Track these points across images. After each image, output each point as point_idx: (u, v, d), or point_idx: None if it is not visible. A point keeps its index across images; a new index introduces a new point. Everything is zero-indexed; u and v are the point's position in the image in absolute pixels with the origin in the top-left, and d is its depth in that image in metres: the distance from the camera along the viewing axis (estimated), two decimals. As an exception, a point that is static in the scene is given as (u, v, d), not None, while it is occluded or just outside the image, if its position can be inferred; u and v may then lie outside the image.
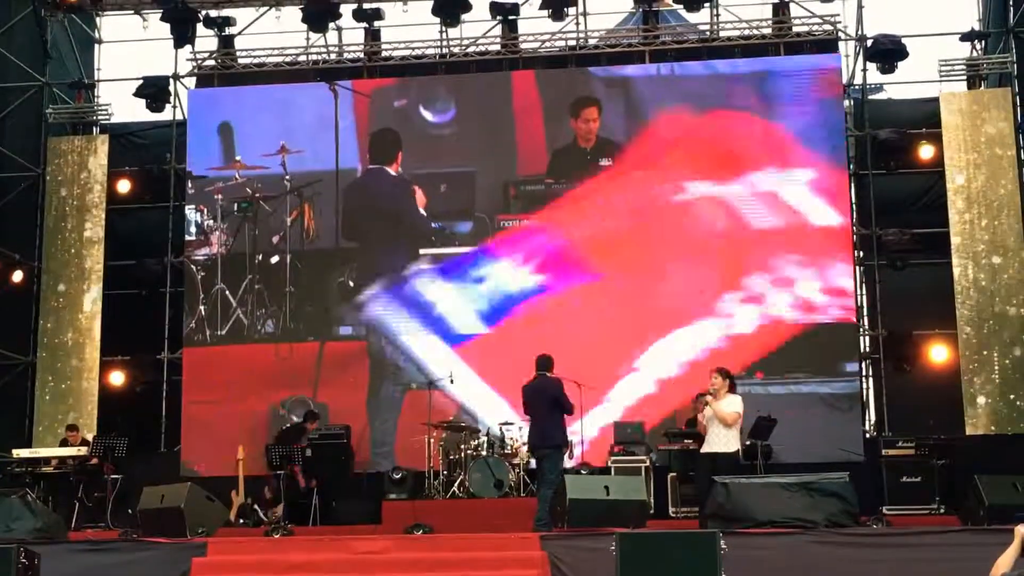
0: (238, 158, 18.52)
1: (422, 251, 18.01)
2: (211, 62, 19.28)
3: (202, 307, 18.31)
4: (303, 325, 18.20)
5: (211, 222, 18.56)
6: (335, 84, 18.68)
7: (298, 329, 18.19)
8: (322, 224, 18.39)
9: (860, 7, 18.40)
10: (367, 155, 18.46)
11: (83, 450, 15.96)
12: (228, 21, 19.34)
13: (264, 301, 18.29)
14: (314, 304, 18.24)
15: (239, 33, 19.48)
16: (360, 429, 17.40)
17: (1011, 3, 18.06)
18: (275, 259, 18.42)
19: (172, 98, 19.11)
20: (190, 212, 18.58)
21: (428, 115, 18.50)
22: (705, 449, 13.07)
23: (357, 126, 18.55)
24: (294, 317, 18.23)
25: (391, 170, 18.37)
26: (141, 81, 19.05)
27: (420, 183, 18.21)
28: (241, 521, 15.29)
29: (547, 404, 12.96)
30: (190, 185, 18.58)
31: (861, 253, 17.97)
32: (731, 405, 12.82)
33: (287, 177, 18.43)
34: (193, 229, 18.55)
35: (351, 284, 18.14)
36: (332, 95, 18.59)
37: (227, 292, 18.33)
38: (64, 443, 16.63)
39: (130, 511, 14.40)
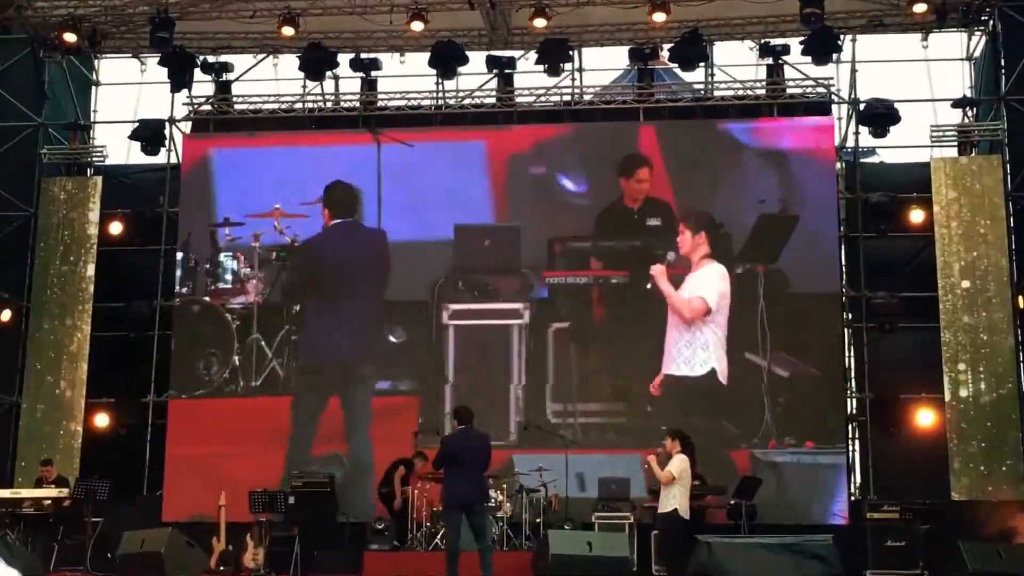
0: (277, 206, 18.35)
1: (455, 306, 17.86)
2: (207, 107, 19.38)
3: (236, 357, 18.16)
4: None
5: (247, 270, 18.42)
6: (379, 132, 18.55)
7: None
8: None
9: (853, 71, 18.55)
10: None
11: (64, 491, 15.86)
12: (225, 67, 19.44)
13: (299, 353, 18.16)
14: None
15: (236, 79, 19.58)
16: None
17: (1003, 71, 18.20)
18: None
19: (167, 142, 19.17)
20: (226, 259, 18.44)
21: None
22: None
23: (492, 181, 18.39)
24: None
25: (364, 224, 18.30)
26: (137, 124, 19.14)
27: (463, 236, 17.99)
28: (221, 568, 15.19)
29: (483, 458, 12.69)
30: (227, 231, 18.44)
31: (850, 315, 18.00)
32: (670, 465, 12.67)
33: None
34: (229, 277, 18.40)
35: (392, 339, 18.03)
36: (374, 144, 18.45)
37: (263, 343, 18.19)
38: (39, 480, 16.55)
39: (110, 555, 14.34)
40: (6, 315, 18.44)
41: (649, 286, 17.42)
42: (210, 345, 18.29)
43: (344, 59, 19.09)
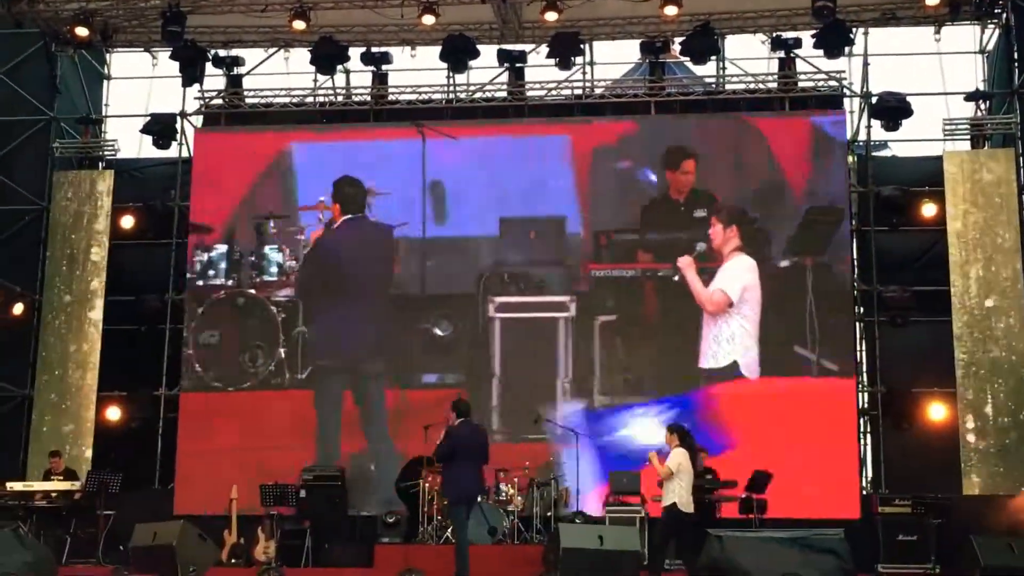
0: (322, 199, 18.31)
1: (501, 299, 17.80)
2: (219, 101, 19.39)
3: (282, 350, 18.12)
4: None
5: (292, 263, 18.35)
6: (423, 126, 18.45)
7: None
8: (408, 270, 18.18)
9: (866, 64, 18.50)
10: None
11: (76, 484, 15.90)
12: (237, 61, 19.45)
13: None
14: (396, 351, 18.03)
15: (247, 73, 19.60)
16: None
17: (1016, 64, 18.15)
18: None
19: (179, 135, 19.18)
20: (271, 252, 18.38)
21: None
22: None
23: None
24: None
25: (371, 219, 18.24)
26: (148, 118, 19.16)
27: (508, 229, 17.99)
28: (233, 561, 15.22)
29: (483, 452, 12.77)
30: (272, 224, 18.39)
31: (862, 309, 17.96)
32: (668, 460, 12.75)
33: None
34: (274, 269, 18.34)
35: (438, 332, 17.98)
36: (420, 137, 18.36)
37: (307, 335, 18.13)
38: (47, 472, 16.59)
39: (122, 547, 14.36)
40: (18, 309, 18.48)
41: (677, 277, 17.41)
42: (255, 337, 18.24)
43: (355, 53, 19.09)
